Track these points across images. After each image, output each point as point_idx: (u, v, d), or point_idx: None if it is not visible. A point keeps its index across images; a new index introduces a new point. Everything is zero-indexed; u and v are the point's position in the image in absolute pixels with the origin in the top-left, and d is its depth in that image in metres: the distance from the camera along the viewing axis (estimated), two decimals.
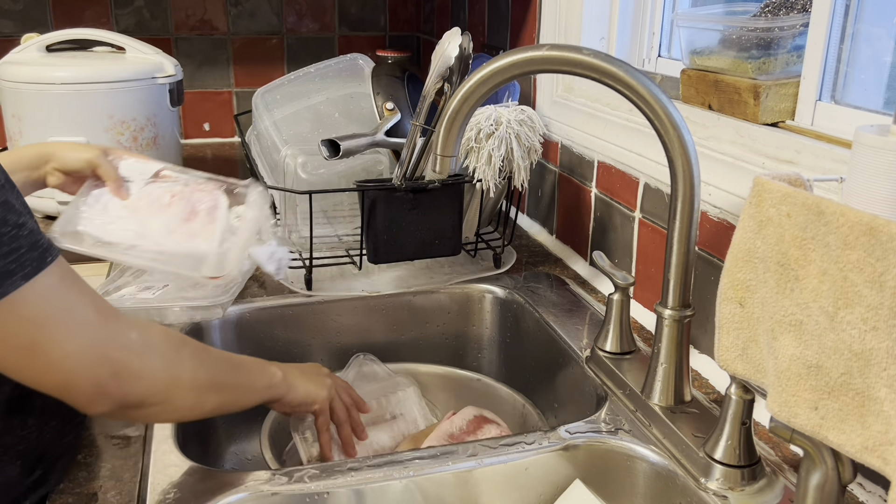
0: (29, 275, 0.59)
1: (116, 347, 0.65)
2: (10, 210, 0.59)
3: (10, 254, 0.58)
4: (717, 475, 0.72)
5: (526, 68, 0.78)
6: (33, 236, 0.60)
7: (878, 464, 0.53)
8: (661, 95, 0.74)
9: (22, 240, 0.59)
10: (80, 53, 1.58)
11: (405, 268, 1.23)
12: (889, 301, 0.51)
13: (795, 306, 0.58)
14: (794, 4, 0.92)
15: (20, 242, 0.58)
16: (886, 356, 0.52)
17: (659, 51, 1.27)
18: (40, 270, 0.59)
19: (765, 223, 0.61)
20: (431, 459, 0.77)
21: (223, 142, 2.16)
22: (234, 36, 2.14)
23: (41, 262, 0.60)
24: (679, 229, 0.78)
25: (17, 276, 0.58)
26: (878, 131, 0.59)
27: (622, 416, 0.85)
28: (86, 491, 0.72)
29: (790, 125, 0.92)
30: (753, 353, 0.65)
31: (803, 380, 0.58)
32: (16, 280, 0.58)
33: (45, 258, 0.60)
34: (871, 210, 0.55)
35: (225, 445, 1.08)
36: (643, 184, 1.10)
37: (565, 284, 1.20)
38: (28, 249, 0.59)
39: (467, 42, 1.07)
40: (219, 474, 0.74)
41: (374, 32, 2.25)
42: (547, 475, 0.80)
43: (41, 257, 0.60)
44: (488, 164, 1.13)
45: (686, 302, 0.81)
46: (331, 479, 0.73)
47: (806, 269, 0.57)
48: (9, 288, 0.57)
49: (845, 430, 0.55)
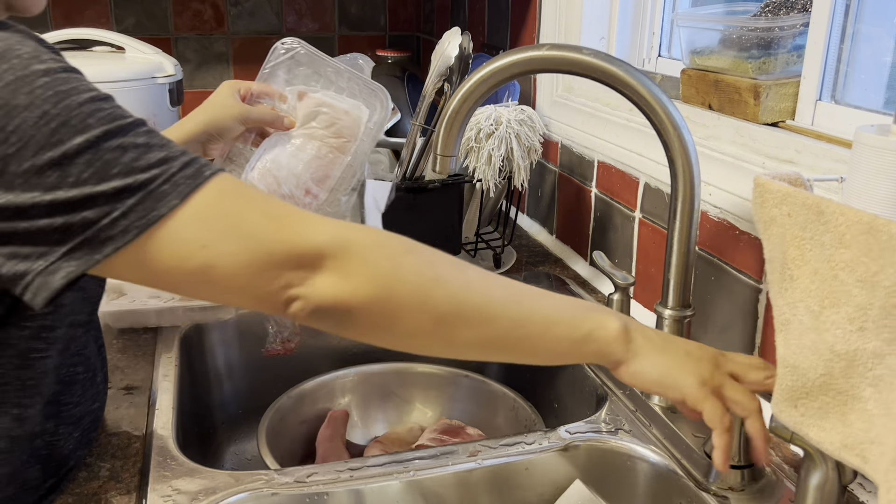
0: (184, 192, 0.54)
1: (301, 250, 0.56)
2: (154, 136, 0.56)
3: (161, 175, 0.54)
4: (717, 475, 0.72)
5: (526, 68, 0.78)
6: (184, 156, 0.56)
7: (857, 462, 0.53)
8: (661, 95, 0.74)
9: (172, 162, 0.55)
10: (79, 53, 1.58)
11: None
12: (880, 301, 0.51)
13: (786, 306, 0.58)
14: (795, 4, 0.92)
15: (170, 164, 0.54)
16: (872, 357, 0.51)
17: (659, 51, 1.27)
18: (196, 188, 0.55)
19: (769, 223, 0.60)
20: (431, 459, 0.77)
21: None
22: (234, 36, 2.14)
23: (196, 177, 0.55)
24: (679, 229, 0.78)
25: (171, 195, 0.54)
26: (879, 131, 0.59)
27: (622, 416, 0.85)
28: (86, 491, 0.72)
29: (790, 125, 0.92)
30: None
31: (782, 378, 0.58)
32: (171, 200, 0.54)
33: (201, 174, 0.56)
34: (871, 210, 0.55)
35: (225, 445, 1.08)
36: (643, 184, 1.10)
37: (565, 284, 1.20)
38: (181, 168, 0.55)
39: (467, 42, 1.07)
40: (219, 474, 0.74)
41: (374, 32, 2.25)
42: (547, 475, 0.80)
43: (196, 174, 0.55)
44: (488, 163, 1.13)
45: (686, 302, 0.81)
46: (331, 479, 0.73)
47: (801, 269, 0.57)
48: (163, 209, 0.53)
49: (825, 427, 0.55)
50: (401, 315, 0.58)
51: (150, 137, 0.55)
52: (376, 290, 0.57)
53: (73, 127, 0.52)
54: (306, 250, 0.56)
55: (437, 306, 0.59)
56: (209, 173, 0.56)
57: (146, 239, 0.53)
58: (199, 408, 1.04)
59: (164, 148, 0.55)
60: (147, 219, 0.53)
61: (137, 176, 0.53)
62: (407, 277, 0.58)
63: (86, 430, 0.75)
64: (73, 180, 0.52)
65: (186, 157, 0.56)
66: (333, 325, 0.58)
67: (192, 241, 0.54)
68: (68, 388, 0.71)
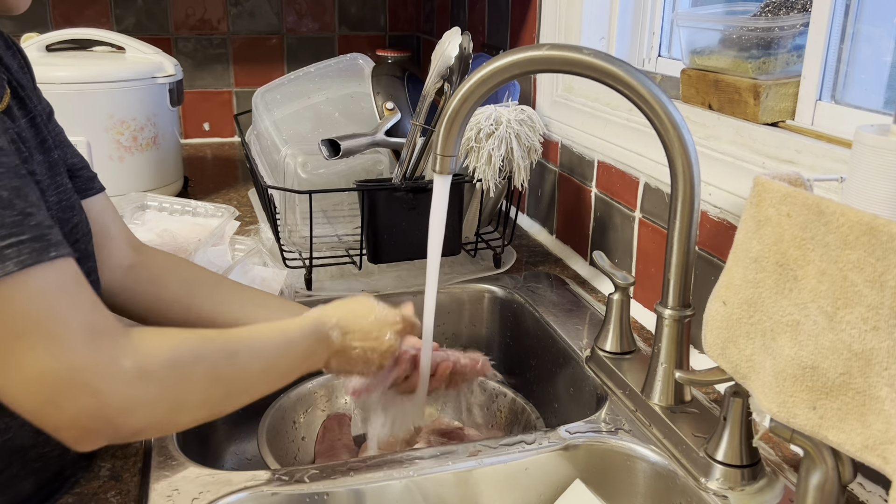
0: (25, 262, 0.53)
1: (101, 377, 0.55)
2: (19, 196, 0.55)
3: (8, 237, 0.53)
4: (717, 475, 0.72)
5: (526, 68, 0.78)
6: (40, 229, 0.55)
7: (879, 462, 0.53)
8: (661, 95, 0.74)
9: (25, 227, 0.54)
10: (80, 53, 1.58)
11: (405, 268, 1.23)
12: (890, 301, 0.51)
13: (793, 306, 0.58)
14: (794, 4, 0.92)
15: (22, 229, 0.54)
16: (887, 356, 0.52)
17: (659, 51, 1.27)
18: (38, 262, 0.54)
19: (763, 223, 0.60)
20: (431, 459, 0.77)
21: (223, 142, 2.16)
22: (234, 36, 2.14)
23: (42, 253, 0.54)
24: (679, 229, 0.78)
25: (10, 261, 0.53)
26: (879, 131, 0.59)
27: (622, 416, 0.85)
28: (86, 491, 0.72)
29: (790, 125, 0.92)
30: (731, 355, 0.65)
31: (799, 381, 0.58)
32: (7, 265, 0.53)
33: (47, 251, 0.55)
34: (871, 210, 0.55)
35: (225, 445, 1.08)
36: (643, 183, 1.10)
37: (565, 284, 1.20)
38: (31, 239, 0.54)
39: (467, 42, 1.07)
40: (219, 474, 0.74)
41: (374, 32, 2.25)
42: (547, 475, 0.80)
43: (43, 249, 0.55)
44: (488, 163, 1.13)
45: (686, 302, 0.81)
46: (330, 479, 0.73)
47: (805, 269, 0.57)
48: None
49: (845, 429, 0.55)
50: (182, 421, 0.64)
51: (14, 194, 0.55)
52: (168, 415, 0.61)
53: None
54: (109, 377, 0.56)
55: (214, 402, 0.66)
56: (55, 254, 0.55)
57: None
58: None
59: (23, 210, 0.55)
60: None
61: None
62: (196, 389, 0.63)
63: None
64: None
65: (40, 230, 0.55)
66: (123, 441, 0.64)
67: (8, 321, 0.53)
68: None
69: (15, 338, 0.53)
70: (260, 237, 1.33)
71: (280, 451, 0.93)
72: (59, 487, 0.72)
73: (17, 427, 0.66)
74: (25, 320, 0.53)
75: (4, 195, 0.54)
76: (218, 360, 0.66)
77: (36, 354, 0.53)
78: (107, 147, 1.46)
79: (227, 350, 0.67)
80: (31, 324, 0.54)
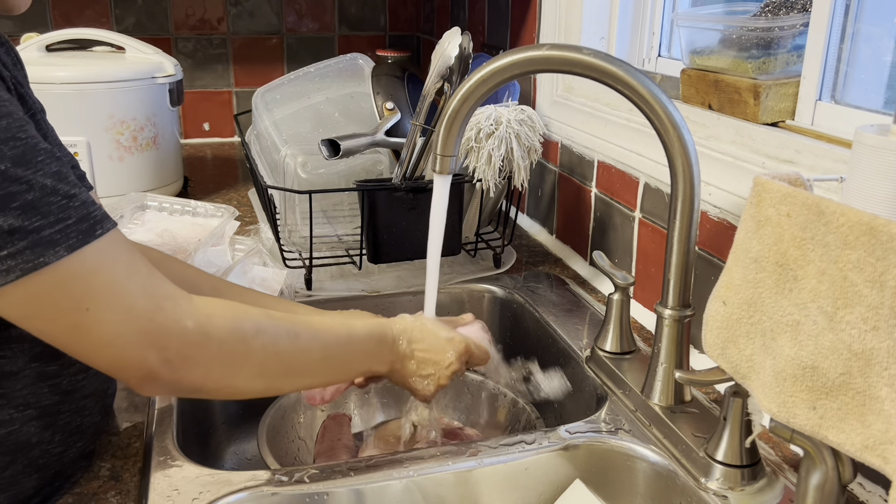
0: (74, 246, 0.56)
1: (167, 335, 0.61)
2: (62, 180, 0.57)
3: (57, 223, 0.55)
4: (717, 475, 0.72)
5: (526, 68, 0.78)
6: (85, 208, 0.57)
7: (879, 462, 0.53)
8: (661, 95, 0.74)
9: (71, 210, 0.56)
10: (79, 53, 1.58)
11: (405, 268, 1.23)
12: (889, 301, 0.51)
13: (793, 306, 0.58)
14: (794, 4, 0.92)
15: (69, 213, 0.56)
16: (887, 356, 0.52)
17: (659, 51, 1.27)
18: (87, 243, 0.57)
19: (763, 223, 0.60)
20: (431, 459, 0.77)
21: (223, 142, 2.17)
22: (234, 36, 2.14)
23: (89, 234, 0.57)
24: (679, 229, 0.78)
25: (60, 246, 0.55)
26: (879, 131, 0.59)
27: (622, 416, 0.85)
28: (86, 491, 0.72)
29: (790, 125, 0.92)
30: (731, 355, 0.65)
31: (799, 381, 0.58)
32: (59, 250, 0.55)
33: (93, 230, 0.58)
34: (871, 210, 0.55)
35: (225, 445, 1.08)
36: (643, 184, 1.10)
37: (565, 284, 1.20)
38: (77, 221, 0.57)
39: (467, 42, 1.07)
40: (219, 474, 0.74)
41: (374, 32, 2.25)
42: (547, 475, 0.80)
43: (90, 229, 0.57)
44: (488, 163, 1.13)
45: (686, 302, 0.81)
46: (330, 479, 0.73)
47: (805, 269, 0.57)
48: (50, 258, 0.55)
49: (845, 429, 0.55)
50: (240, 386, 0.69)
51: (56, 179, 0.57)
52: (225, 377, 0.66)
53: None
54: (172, 336, 0.62)
55: (272, 375, 0.71)
56: (100, 231, 0.58)
57: (28, 283, 0.55)
58: (199, 408, 1.03)
59: (67, 193, 0.57)
60: (33, 263, 0.55)
61: (33, 218, 0.55)
62: (253, 359, 0.68)
63: (90, 438, 0.75)
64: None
65: (85, 209, 0.58)
66: (184, 395, 0.69)
67: (73, 299, 0.57)
68: (68, 398, 0.70)
69: (83, 311, 0.58)
70: (260, 237, 1.34)
71: (280, 451, 0.93)
72: (60, 487, 0.72)
73: (22, 421, 0.66)
74: (89, 296, 0.58)
75: (48, 183, 0.56)
76: (279, 336, 0.70)
77: (105, 323, 0.59)
78: (107, 147, 1.46)
79: (289, 330, 0.71)
80: (95, 298, 0.58)
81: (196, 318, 0.63)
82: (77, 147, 1.42)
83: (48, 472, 0.70)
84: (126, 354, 0.60)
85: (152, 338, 0.60)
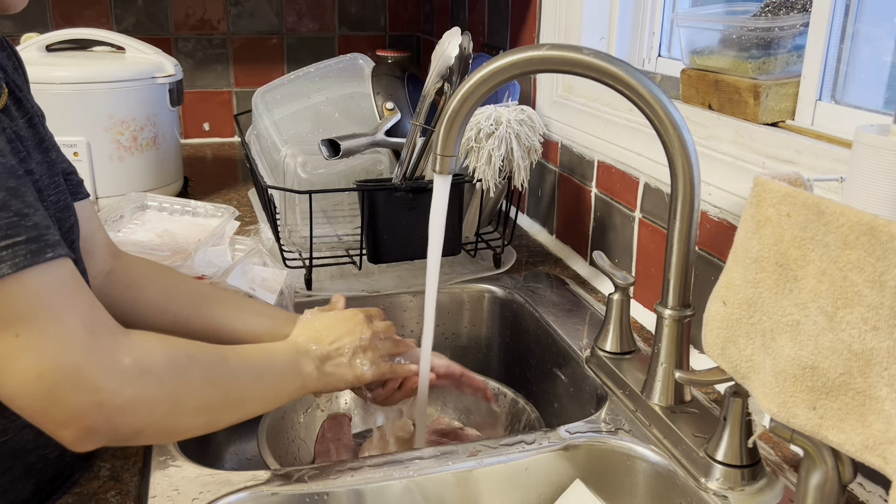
0: (19, 265, 0.53)
1: (102, 374, 0.56)
2: (16, 197, 0.55)
3: (4, 238, 0.53)
4: (717, 475, 0.72)
5: (526, 68, 0.78)
6: (37, 230, 0.55)
7: (879, 462, 0.53)
8: (661, 95, 0.74)
9: (21, 228, 0.54)
10: (79, 53, 1.58)
11: (405, 268, 1.23)
12: (890, 301, 0.51)
13: (793, 307, 0.58)
14: (794, 4, 0.92)
15: (18, 231, 0.54)
16: (887, 356, 0.52)
17: (659, 51, 1.27)
18: (34, 264, 0.54)
19: (763, 223, 0.60)
20: (431, 459, 0.77)
21: (223, 142, 2.17)
22: (234, 36, 2.14)
23: (38, 254, 0.54)
24: (679, 229, 0.78)
25: (4, 264, 0.53)
26: (879, 131, 0.59)
27: (622, 416, 0.85)
28: (86, 491, 0.72)
29: (790, 125, 0.92)
30: (731, 355, 0.65)
31: (799, 381, 0.58)
32: (2, 268, 0.53)
33: (43, 252, 0.55)
34: (871, 210, 0.55)
35: (225, 445, 1.08)
36: (643, 184, 1.10)
37: (565, 284, 1.20)
38: (27, 240, 0.54)
39: (467, 42, 1.07)
40: (219, 474, 0.74)
41: (374, 32, 2.25)
42: (547, 475, 0.80)
43: (39, 251, 0.55)
44: (488, 163, 1.13)
45: (686, 302, 0.81)
46: (330, 479, 0.73)
47: (805, 269, 0.57)
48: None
49: (845, 429, 0.55)
50: (182, 424, 0.65)
51: (10, 195, 0.55)
52: (167, 415, 0.62)
53: None
54: (109, 374, 0.57)
55: (212, 406, 0.67)
56: (51, 255, 0.55)
57: None
58: None
59: (19, 211, 0.55)
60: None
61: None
62: (193, 390, 0.65)
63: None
64: None
65: (37, 230, 0.55)
66: (120, 444, 0.63)
67: (4, 322, 0.54)
68: None
69: (13, 336, 0.54)
70: (260, 237, 1.34)
71: (280, 451, 0.93)
72: (59, 488, 0.72)
73: (16, 429, 0.66)
74: (23, 320, 0.54)
75: (0, 196, 0.54)
76: (212, 362, 0.68)
77: (35, 353, 0.54)
78: (107, 147, 1.46)
79: (217, 354, 0.69)
80: (29, 323, 0.54)
81: (134, 355, 0.59)
82: (77, 147, 1.42)
83: (46, 475, 0.70)
84: (55, 393, 0.54)
85: (85, 374, 0.55)
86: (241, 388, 0.70)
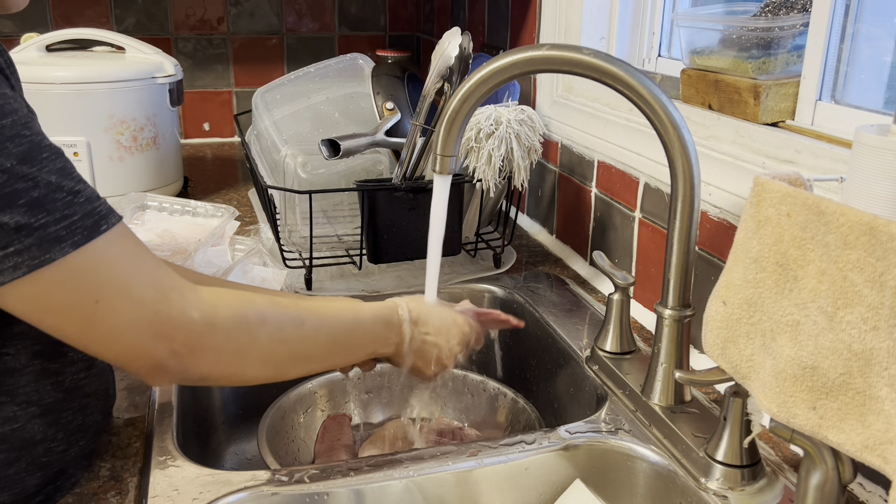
0: (79, 242, 0.57)
1: (174, 326, 0.63)
2: (66, 176, 0.58)
3: (62, 220, 0.57)
4: (717, 475, 0.72)
5: (526, 68, 0.78)
6: (90, 204, 0.59)
7: (879, 462, 0.53)
8: (661, 95, 0.74)
9: (76, 207, 0.58)
10: (79, 53, 1.58)
11: (405, 268, 1.23)
12: (890, 301, 0.51)
13: (794, 307, 0.58)
14: (794, 4, 0.92)
15: (73, 209, 0.57)
16: (887, 356, 0.52)
17: (659, 51, 1.27)
18: (92, 238, 0.58)
19: (763, 223, 0.60)
20: (431, 459, 0.77)
21: (223, 142, 2.17)
22: (234, 36, 2.14)
23: (94, 230, 0.58)
24: (679, 229, 0.78)
25: (66, 242, 0.57)
26: (879, 131, 0.59)
27: (622, 416, 0.85)
28: (86, 491, 0.72)
29: (790, 125, 0.92)
30: (731, 355, 0.65)
31: (799, 381, 0.58)
32: (65, 247, 0.57)
33: (98, 226, 0.59)
34: (871, 210, 0.55)
35: (225, 445, 1.08)
36: (643, 184, 1.10)
37: (565, 284, 1.20)
38: (82, 217, 0.58)
39: (467, 42, 1.07)
40: (219, 474, 0.74)
41: (374, 32, 2.25)
42: (547, 475, 0.80)
43: (95, 225, 0.58)
44: (488, 163, 1.13)
45: (686, 302, 0.81)
46: (331, 479, 0.73)
47: (805, 269, 0.57)
48: (56, 254, 0.56)
49: (845, 429, 0.55)
50: (247, 374, 0.70)
51: (61, 175, 0.58)
52: (232, 366, 0.68)
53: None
54: (179, 326, 0.63)
55: (278, 362, 0.72)
56: (105, 227, 0.59)
57: (35, 279, 0.56)
58: (199, 408, 1.03)
59: (72, 189, 0.58)
60: (39, 260, 0.56)
61: (39, 215, 0.56)
62: (260, 347, 0.69)
63: (92, 436, 0.75)
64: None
65: (90, 205, 0.59)
66: (193, 384, 0.71)
67: (82, 293, 0.59)
68: (70, 396, 0.70)
69: (93, 303, 0.59)
70: (260, 237, 1.34)
71: (280, 451, 0.93)
72: (61, 486, 0.72)
73: (25, 418, 0.66)
74: (98, 289, 0.59)
75: (53, 179, 0.57)
76: (283, 324, 0.71)
77: (115, 314, 0.60)
78: (107, 147, 1.47)
79: (294, 317, 0.72)
80: (103, 290, 0.59)
81: (202, 309, 0.64)
82: (77, 147, 1.42)
83: (51, 470, 0.70)
84: (135, 345, 0.61)
85: (160, 328, 0.62)
86: (310, 349, 0.75)
